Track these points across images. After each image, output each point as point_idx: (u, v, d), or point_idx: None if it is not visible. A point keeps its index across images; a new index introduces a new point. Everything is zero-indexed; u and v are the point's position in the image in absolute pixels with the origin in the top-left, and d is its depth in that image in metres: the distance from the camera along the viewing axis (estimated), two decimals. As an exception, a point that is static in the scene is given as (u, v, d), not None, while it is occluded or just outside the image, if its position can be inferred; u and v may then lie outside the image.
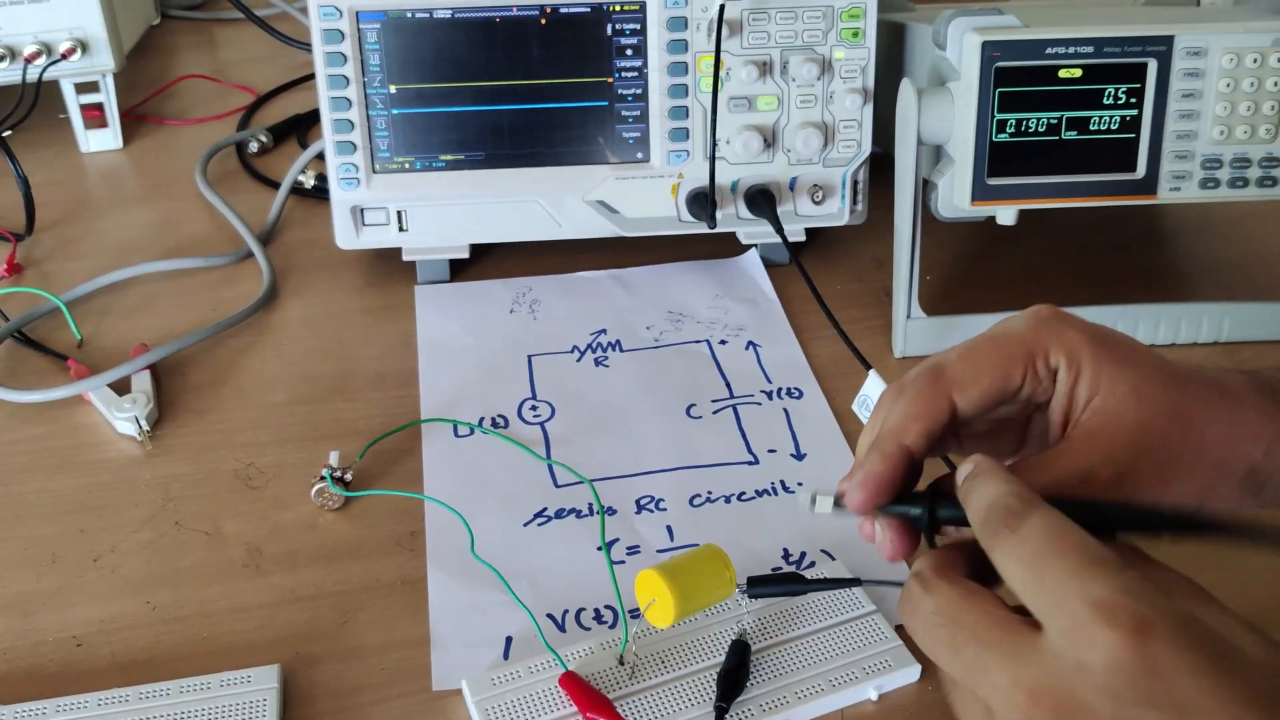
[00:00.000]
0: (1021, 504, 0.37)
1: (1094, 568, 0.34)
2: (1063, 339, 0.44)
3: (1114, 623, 0.32)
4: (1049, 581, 0.34)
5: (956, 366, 0.44)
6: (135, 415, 0.67)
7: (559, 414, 0.70)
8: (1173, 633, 0.32)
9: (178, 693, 0.52)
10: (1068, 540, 0.35)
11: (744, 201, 0.78)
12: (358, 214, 0.77)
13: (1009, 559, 0.36)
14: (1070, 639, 0.33)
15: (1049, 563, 0.34)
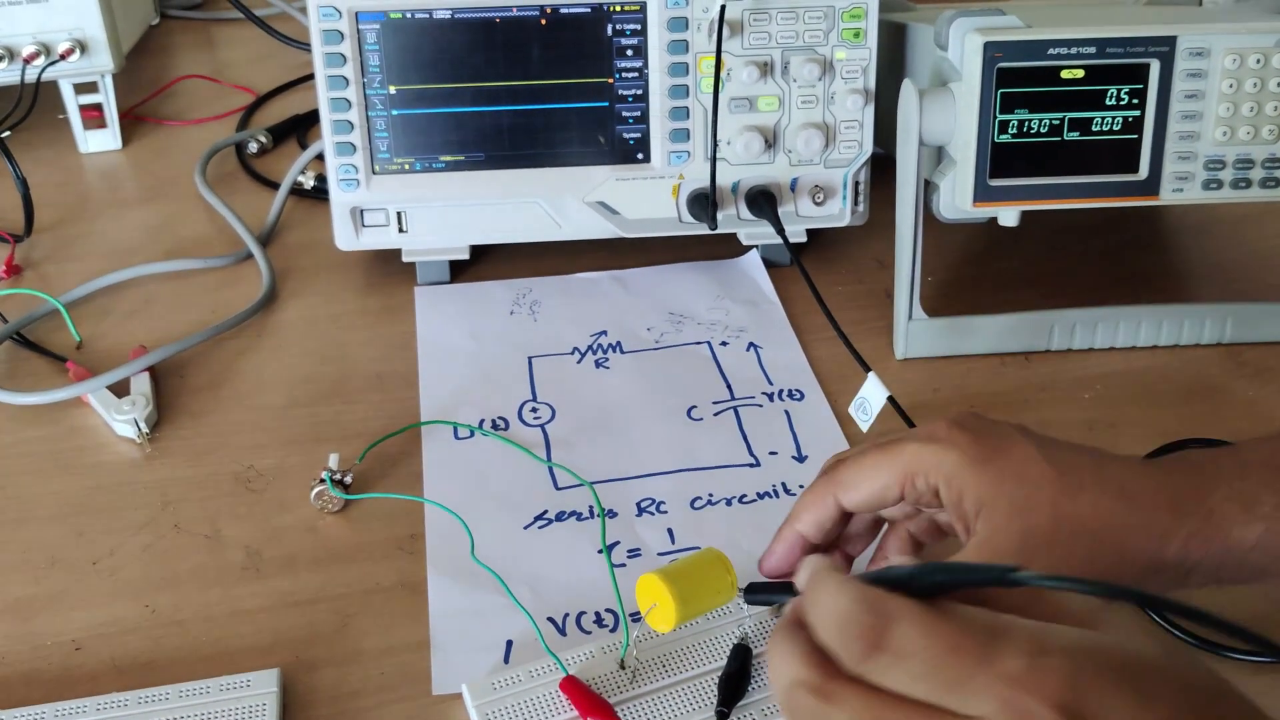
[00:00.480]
0: (877, 617, 0.33)
1: (994, 645, 0.32)
2: (941, 464, 0.48)
3: (1041, 690, 0.31)
4: (958, 678, 0.32)
5: (845, 469, 0.50)
6: (134, 417, 0.67)
7: (559, 416, 0.70)
8: (1094, 677, 0.32)
9: (177, 697, 0.52)
10: (952, 630, 0.33)
11: (745, 202, 0.78)
12: (357, 215, 0.77)
13: (904, 680, 0.33)
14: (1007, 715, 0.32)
15: (948, 661, 0.32)
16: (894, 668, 0.33)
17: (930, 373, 0.73)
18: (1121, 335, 0.75)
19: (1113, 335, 0.75)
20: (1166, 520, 0.46)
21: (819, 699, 0.33)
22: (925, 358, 0.74)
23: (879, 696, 0.33)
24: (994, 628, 0.33)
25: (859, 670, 0.33)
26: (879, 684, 0.33)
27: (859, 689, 0.33)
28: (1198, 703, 0.33)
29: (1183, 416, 0.70)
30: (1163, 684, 0.33)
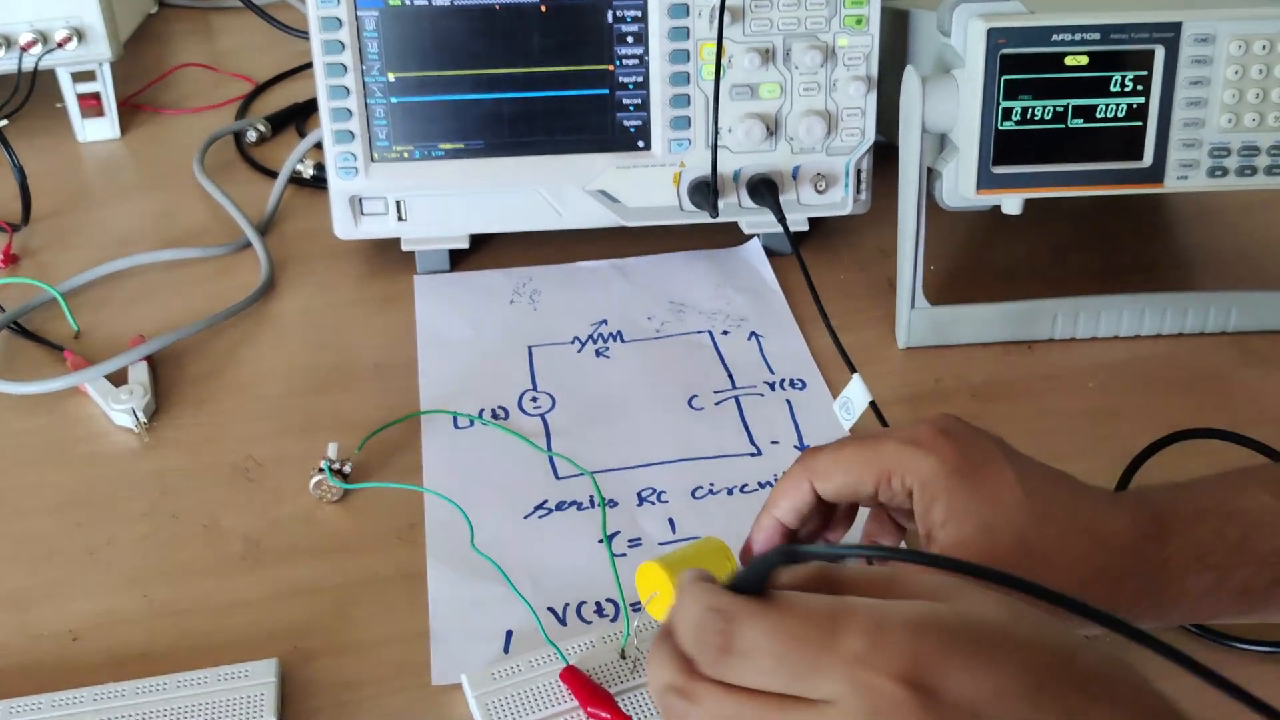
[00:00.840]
0: (723, 621, 0.35)
1: (834, 628, 0.34)
2: (919, 467, 0.47)
3: (885, 667, 0.33)
4: (804, 666, 0.34)
5: (823, 458, 0.50)
6: (132, 407, 0.67)
7: (560, 405, 0.69)
8: (935, 646, 0.33)
9: (174, 687, 0.51)
10: (792, 622, 0.34)
11: (746, 190, 0.77)
12: (356, 203, 0.77)
13: (755, 676, 0.34)
14: (854, 699, 0.33)
15: (793, 653, 0.34)
16: (745, 666, 0.34)
17: (932, 362, 0.73)
18: (1125, 324, 0.75)
19: (1116, 324, 0.75)
20: (1125, 564, 0.46)
21: (684, 699, 0.35)
22: (928, 347, 0.74)
23: (735, 693, 0.35)
24: (834, 611, 0.34)
25: (715, 673, 0.35)
26: (736, 682, 0.35)
27: (717, 688, 0.35)
28: (1045, 661, 0.34)
29: (1187, 406, 0.69)
30: (1008, 647, 0.34)
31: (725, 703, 0.35)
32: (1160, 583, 0.46)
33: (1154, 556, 0.47)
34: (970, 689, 0.33)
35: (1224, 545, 0.47)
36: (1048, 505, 0.47)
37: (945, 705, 0.33)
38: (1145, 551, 0.47)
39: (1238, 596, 0.47)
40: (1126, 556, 0.46)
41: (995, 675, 0.33)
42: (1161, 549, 0.47)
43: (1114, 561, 0.46)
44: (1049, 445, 0.66)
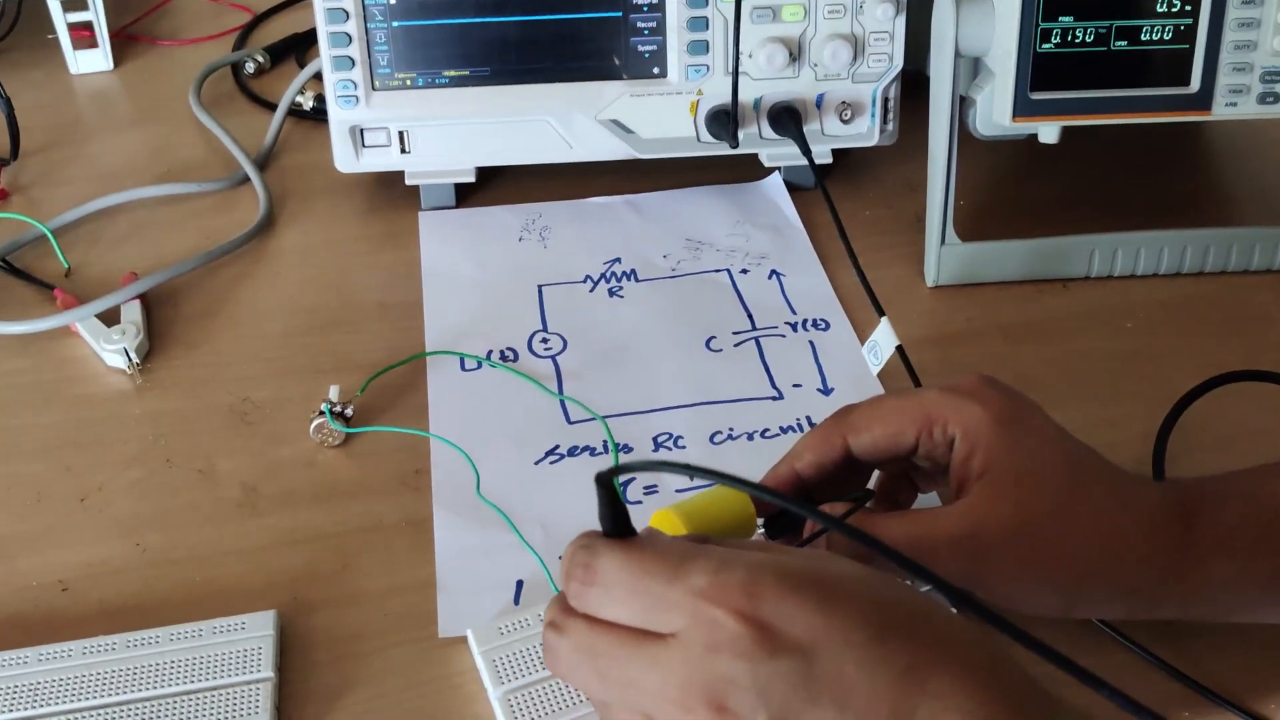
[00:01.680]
0: (587, 553, 0.38)
1: (683, 566, 0.36)
2: (964, 414, 0.46)
3: (723, 600, 0.35)
4: (652, 599, 0.36)
5: (860, 412, 0.48)
6: (124, 347, 0.64)
7: (571, 347, 0.66)
8: (774, 587, 0.35)
9: (168, 640, 0.49)
10: (645, 557, 0.37)
11: (767, 120, 0.74)
12: (357, 134, 0.73)
13: (608, 606, 0.37)
14: (695, 631, 0.35)
15: (642, 584, 0.36)
16: (604, 598, 0.37)
17: (963, 300, 0.69)
18: (1166, 261, 0.71)
19: (1156, 261, 0.71)
20: (1154, 543, 0.45)
21: (555, 632, 0.38)
22: (957, 285, 0.70)
23: (597, 626, 0.37)
24: (685, 551, 0.37)
25: (579, 604, 0.38)
26: (596, 614, 0.38)
27: (583, 622, 0.38)
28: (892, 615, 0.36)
29: (1230, 347, 0.66)
30: (851, 595, 0.36)
31: (588, 635, 0.37)
32: (1185, 566, 0.45)
33: (1180, 538, 0.45)
34: (804, 627, 0.35)
35: (1250, 531, 0.45)
36: (1085, 472, 0.46)
37: (779, 641, 0.35)
38: (1172, 532, 0.45)
39: (1264, 586, 0.46)
40: (1155, 536, 0.45)
41: (832, 618, 0.35)
42: (1187, 531, 0.45)
43: (1143, 539, 0.45)
44: (1085, 388, 0.64)
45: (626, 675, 0.37)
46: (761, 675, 0.35)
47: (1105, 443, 0.59)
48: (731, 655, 0.35)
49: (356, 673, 0.49)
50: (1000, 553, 0.44)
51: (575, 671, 0.38)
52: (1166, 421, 0.60)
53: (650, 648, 0.36)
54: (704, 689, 0.35)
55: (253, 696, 0.47)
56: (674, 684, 0.35)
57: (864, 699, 0.34)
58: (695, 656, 0.35)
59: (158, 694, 0.47)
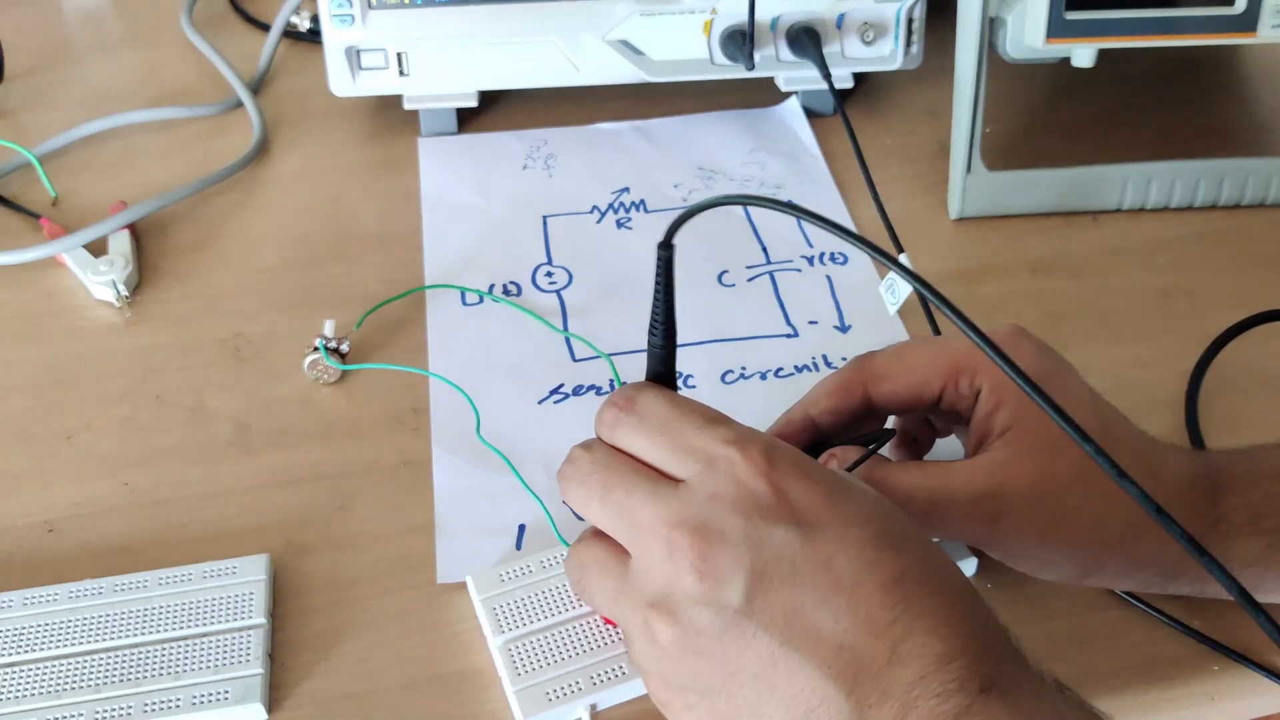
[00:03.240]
0: (634, 389, 0.40)
1: (715, 421, 0.38)
2: (994, 369, 0.44)
3: (744, 455, 0.36)
4: (679, 439, 0.37)
5: (882, 359, 0.47)
6: (113, 279, 0.62)
7: (577, 281, 0.63)
8: (794, 462, 0.36)
9: (157, 584, 0.47)
10: (687, 405, 0.39)
11: (785, 41, 0.70)
12: (353, 56, 0.70)
13: (636, 435, 0.38)
14: (706, 476, 0.36)
15: (676, 424, 0.38)
16: (635, 428, 0.38)
17: (988, 233, 0.66)
18: (1201, 193, 0.67)
19: (1191, 193, 0.67)
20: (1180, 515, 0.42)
21: (582, 450, 0.40)
22: (983, 217, 0.67)
23: (619, 454, 0.39)
24: (721, 415, 0.38)
25: (613, 424, 0.39)
26: (623, 443, 0.39)
27: (607, 446, 0.39)
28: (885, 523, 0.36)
29: (1269, 284, 0.63)
30: (856, 496, 0.37)
31: (609, 454, 0.39)
32: (1210, 541, 0.43)
33: (1208, 513, 0.43)
34: (808, 506, 0.35)
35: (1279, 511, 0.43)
36: (1115, 436, 0.43)
37: (782, 508, 0.35)
38: (1199, 506, 0.43)
39: None
40: (1182, 508, 0.43)
41: (837, 508, 0.36)
42: (1215, 506, 0.43)
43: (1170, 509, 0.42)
44: (1117, 326, 0.61)
45: (627, 502, 0.37)
46: (753, 534, 0.35)
47: (1136, 383, 0.57)
48: (731, 507, 0.35)
49: (351, 619, 0.47)
50: (1018, 516, 0.43)
51: (582, 484, 0.39)
52: (1200, 362, 0.58)
53: (659, 484, 0.37)
54: (693, 531, 0.35)
55: (244, 643, 0.45)
56: (665, 520, 0.36)
57: (845, 595, 0.34)
58: (698, 500, 0.36)
59: (146, 640, 0.45)
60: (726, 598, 0.35)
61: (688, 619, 0.35)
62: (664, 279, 0.40)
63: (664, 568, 0.36)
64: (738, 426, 0.38)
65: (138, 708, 0.43)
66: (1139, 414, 0.46)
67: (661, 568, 0.36)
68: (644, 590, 0.37)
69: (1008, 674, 0.34)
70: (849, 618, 0.34)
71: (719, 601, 0.35)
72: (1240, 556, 0.43)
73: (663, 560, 0.36)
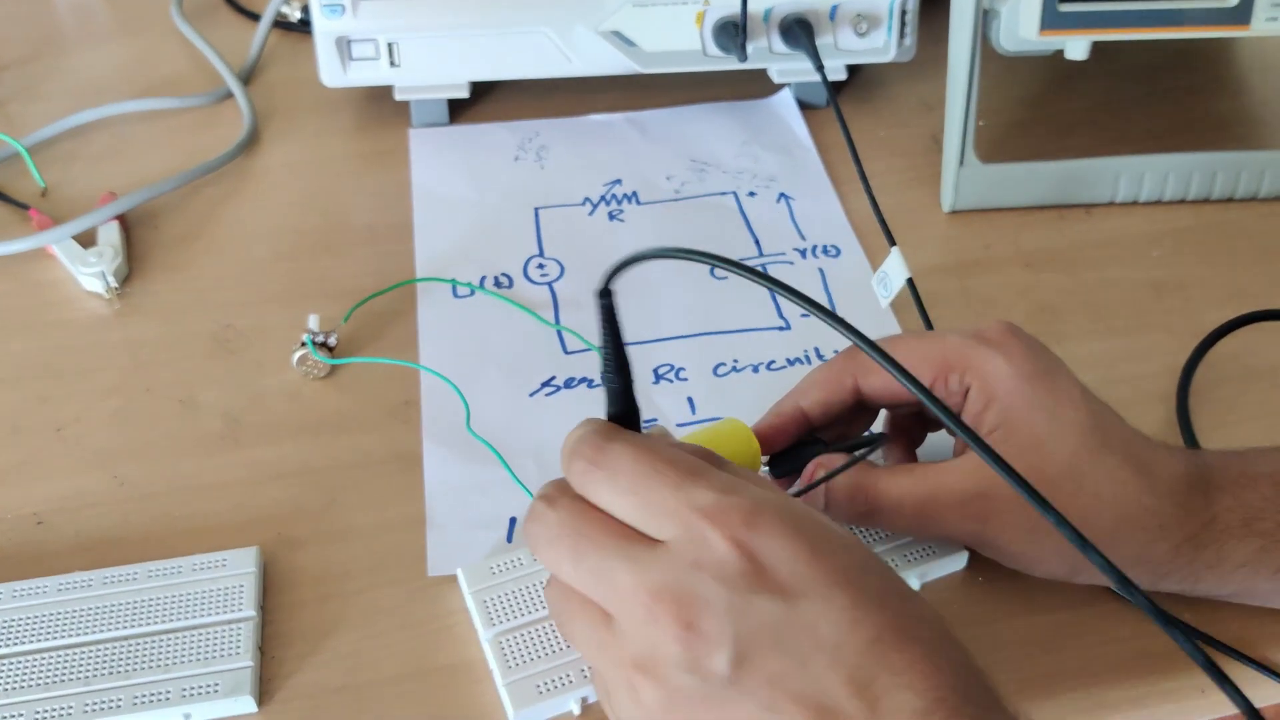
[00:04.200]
0: (601, 438, 0.38)
1: (691, 477, 0.36)
2: (985, 366, 0.44)
3: (723, 522, 0.35)
4: (654, 498, 0.36)
5: None
6: (102, 270, 0.61)
7: (569, 273, 0.63)
8: (774, 524, 0.35)
9: (146, 576, 0.47)
10: (658, 459, 0.37)
11: (778, 33, 0.69)
12: (344, 46, 0.69)
13: (608, 493, 0.37)
14: (684, 542, 0.35)
15: (648, 482, 0.36)
16: (606, 485, 0.37)
17: (981, 226, 0.66)
18: (1195, 186, 0.67)
19: (1185, 186, 0.67)
20: (1172, 515, 0.43)
21: (545, 504, 0.38)
22: (976, 210, 0.67)
23: (589, 510, 0.37)
24: (696, 466, 0.37)
25: (580, 480, 0.38)
26: (592, 499, 0.37)
27: (576, 500, 0.38)
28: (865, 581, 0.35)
29: (1261, 278, 0.63)
30: (837, 552, 0.36)
31: (579, 514, 0.37)
32: (1202, 541, 0.43)
33: (1201, 512, 0.43)
34: (791, 572, 0.35)
35: (1275, 512, 0.43)
36: (1106, 434, 0.43)
37: (765, 578, 0.35)
38: (1193, 505, 0.43)
39: (1276, 571, 0.43)
40: (1174, 507, 0.43)
41: (818, 571, 0.35)
42: (1209, 506, 0.43)
43: (1161, 509, 0.43)
44: (1109, 319, 0.61)
45: (603, 565, 0.36)
46: (737, 605, 0.35)
47: (1128, 376, 0.57)
48: (714, 577, 0.35)
49: (342, 612, 0.47)
50: (1006, 516, 0.43)
51: (552, 546, 0.38)
52: (1193, 356, 0.58)
53: (635, 547, 0.36)
54: (676, 601, 0.35)
55: (234, 636, 0.45)
56: (647, 588, 0.35)
57: (827, 658, 0.34)
58: (678, 568, 0.35)
59: (135, 632, 0.45)
60: (711, 666, 0.35)
61: (673, 684, 0.35)
62: (608, 324, 0.39)
63: (647, 633, 0.35)
64: (714, 482, 0.36)
65: (127, 700, 0.43)
66: (1131, 407, 0.46)
67: (645, 632, 0.35)
68: (628, 650, 0.36)
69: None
70: (829, 679, 0.34)
71: (704, 670, 0.35)
72: (1233, 557, 0.43)
73: (646, 625, 0.35)
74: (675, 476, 0.36)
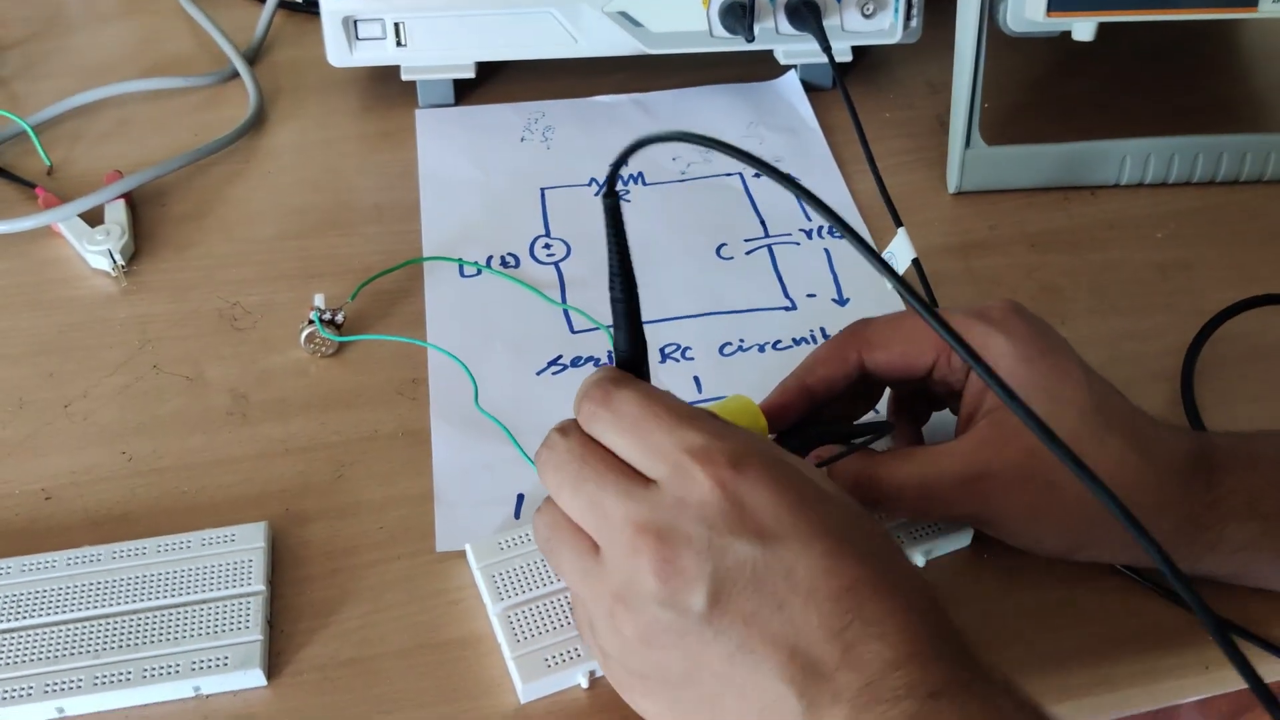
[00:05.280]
0: (610, 383, 0.39)
1: (687, 421, 0.38)
2: (985, 344, 0.44)
3: (710, 462, 0.36)
4: (650, 439, 0.38)
5: (877, 326, 0.47)
6: (109, 248, 0.61)
7: (575, 253, 0.63)
8: (760, 470, 0.36)
9: (155, 551, 0.47)
10: (659, 404, 0.38)
11: (785, 14, 0.69)
12: (350, 26, 0.69)
13: (610, 433, 0.39)
14: (673, 481, 0.36)
15: (647, 424, 0.38)
16: (609, 424, 0.39)
17: (986, 208, 0.66)
18: (1200, 168, 0.67)
19: (1190, 168, 0.67)
20: (1172, 495, 0.43)
21: (559, 435, 0.40)
22: (981, 191, 0.67)
23: (595, 446, 0.39)
24: (694, 412, 0.38)
25: (587, 418, 0.39)
26: (598, 438, 0.39)
27: (583, 435, 0.39)
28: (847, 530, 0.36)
29: (1267, 259, 0.63)
30: (821, 503, 0.37)
31: (585, 448, 0.39)
32: (1204, 523, 0.43)
33: (1202, 494, 0.43)
34: (772, 518, 0.36)
35: (1276, 495, 0.43)
36: (1108, 415, 0.43)
37: (746, 521, 0.36)
38: (1194, 486, 0.43)
39: (1277, 554, 0.44)
40: (1175, 487, 0.43)
41: (800, 519, 0.36)
42: (1211, 488, 0.43)
43: (1162, 489, 0.43)
44: (1113, 301, 0.61)
45: (598, 497, 0.38)
46: (717, 545, 0.35)
47: (1133, 356, 0.57)
48: (697, 516, 0.36)
49: (351, 587, 0.48)
50: (1006, 496, 0.43)
51: (558, 472, 0.39)
52: (1198, 337, 0.58)
53: (629, 483, 0.37)
54: (658, 536, 0.36)
55: (243, 610, 0.45)
56: (634, 522, 0.36)
57: (801, 602, 0.35)
58: (664, 505, 0.36)
59: (144, 606, 0.45)
60: (688, 603, 0.35)
61: (651, 616, 0.36)
62: (614, 229, 0.40)
63: (630, 565, 0.36)
64: (708, 427, 0.37)
65: (137, 673, 0.43)
66: (1135, 387, 0.46)
67: (627, 564, 0.36)
68: (610, 581, 0.37)
69: (957, 679, 0.34)
70: (803, 622, 0.35)
71: (681, 605, 0.36)
72: (1233, 539, 0.43)
73: (627, 558, 0.36)
74: (671, 419, 0.38)
